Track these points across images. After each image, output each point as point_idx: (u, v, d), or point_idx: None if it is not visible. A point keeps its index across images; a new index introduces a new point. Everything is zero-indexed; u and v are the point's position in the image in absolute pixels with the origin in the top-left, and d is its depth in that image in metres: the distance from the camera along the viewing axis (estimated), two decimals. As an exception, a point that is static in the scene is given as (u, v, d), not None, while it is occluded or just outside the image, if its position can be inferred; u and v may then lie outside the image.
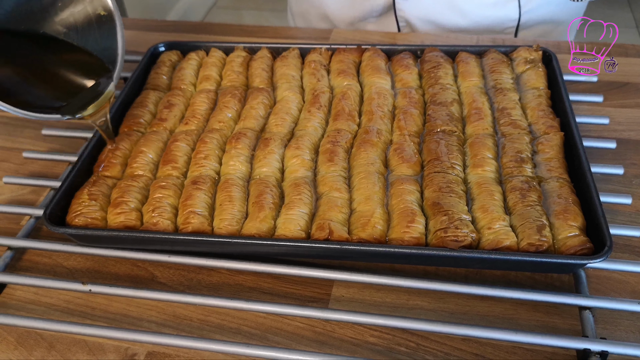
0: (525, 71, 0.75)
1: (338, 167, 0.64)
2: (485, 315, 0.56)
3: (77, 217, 0.61)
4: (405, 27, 1.02)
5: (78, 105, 0.66)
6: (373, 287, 0.59)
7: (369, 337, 0.56)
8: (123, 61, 0.69)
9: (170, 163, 0.67)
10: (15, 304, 0.61)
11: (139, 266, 0.64)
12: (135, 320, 0.59)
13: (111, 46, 0.69)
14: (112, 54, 0.69)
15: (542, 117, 0.68)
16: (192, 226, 0.60)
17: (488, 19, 0.99)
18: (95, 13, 0.68)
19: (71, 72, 0.70)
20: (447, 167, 0.62)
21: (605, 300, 0.54)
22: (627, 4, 2.54)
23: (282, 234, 0.58)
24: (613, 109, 0.78)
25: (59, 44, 0.69)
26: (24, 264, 0.65)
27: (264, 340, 0.56)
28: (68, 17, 0.69)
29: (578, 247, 0.54)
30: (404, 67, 0.77)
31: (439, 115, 0.69)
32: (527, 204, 0.58)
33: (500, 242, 0.55)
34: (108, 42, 0.69)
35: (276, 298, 0.59)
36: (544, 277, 0.59)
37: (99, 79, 0.68)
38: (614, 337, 0.54)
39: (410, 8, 0.99)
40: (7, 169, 0.77)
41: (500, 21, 0.99)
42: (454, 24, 1.00)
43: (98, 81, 0.68)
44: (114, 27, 0.69)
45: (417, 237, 0.57)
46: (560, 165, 0.62)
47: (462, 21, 0.99)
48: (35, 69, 0.68)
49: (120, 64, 0.69)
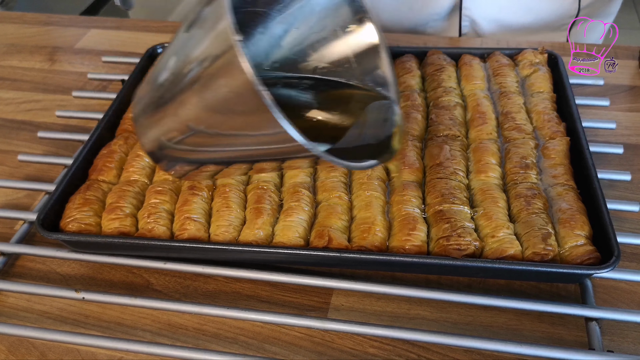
0: (530, 74, 0.73)
1: (338, 172, 0.63)
2: (489, 325, 0.55)
3: (71, 223, 0.60)
4: (467, 28, 1.00)
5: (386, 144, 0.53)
6: (373, 296, 0.58)
7: (369, 347, 0.54)
8: (396, 80, 0.57)
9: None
10: (7, 311, 0.60)
11: (134, 273, 0.62)
12: (129, 329, 0.57)
13: (370, 70, 0.56)
14: (376, 78, 0.56)
15: (548, 121, 0.66)
16: (189, 233, 0.59)
17: (550, 14, 0.98)
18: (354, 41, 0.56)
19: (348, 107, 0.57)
20: (450, 173, 0.61)
21: (612, 311, 0.52)
22: (632, 5, 2.52)
23: (280, 241, 0.57)
24: (620, 113, 0.76)
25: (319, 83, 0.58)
26: (17, 269, 0.64)
27: (261, 350, 0.55)
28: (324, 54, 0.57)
29: (585, 257, 0.53)
30: (406, 70, 0.75)
31: (442, 120, 0.68)
32: (532, 211, 0.56)
33: (504, 251, 0.54)
34: (369, 65, 0.56)
35: (274, 307, 0.58)
36: (549, 287, 0.57)
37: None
38: (622, 350, 0.52)
39: (477, 7, 0.98)
40: (2, 172, 0.76)
41: (560, 16, 0.98)
42: (519, 21, 0.98)
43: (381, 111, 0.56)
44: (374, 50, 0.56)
45: (418, 245, 0.55)
46: (566, 172, 0.61)
47: (526, 17, 0.98)
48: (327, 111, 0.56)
49: (395, 83, 0.56)
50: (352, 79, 0.57)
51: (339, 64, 0.57)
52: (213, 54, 0.42)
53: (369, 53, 0.56)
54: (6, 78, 0.95)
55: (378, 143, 0.53)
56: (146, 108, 0.51)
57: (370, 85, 0.57)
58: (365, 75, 0.57)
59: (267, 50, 0.57)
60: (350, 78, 0.57)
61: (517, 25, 0.99)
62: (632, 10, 2.48)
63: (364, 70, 0.57)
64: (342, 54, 0.57)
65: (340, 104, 0.57)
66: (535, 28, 0.99)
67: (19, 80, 0.94)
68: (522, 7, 0.98)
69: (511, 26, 0.99)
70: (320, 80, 0.58)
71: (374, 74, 0.56)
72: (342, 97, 0.58)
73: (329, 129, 0.56)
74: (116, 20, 1.09)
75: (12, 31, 1.07)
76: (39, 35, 1.06)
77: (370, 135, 0.54)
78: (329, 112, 0.57)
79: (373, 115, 0.55)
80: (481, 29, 0.99)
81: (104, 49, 1.00)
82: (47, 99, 0.89)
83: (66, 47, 1.02)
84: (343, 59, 0.57)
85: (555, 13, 0.98)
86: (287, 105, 0.54)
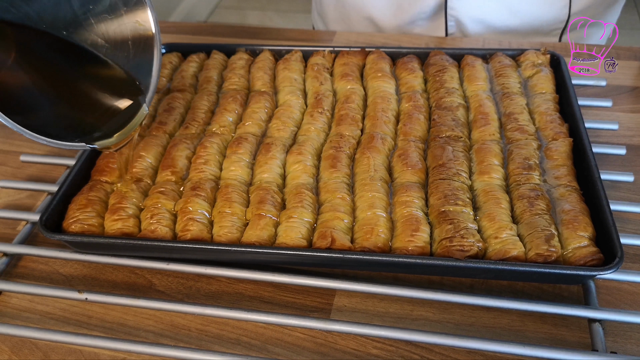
0: (533, 75, 0.73)
1: (341, 173, 0.63)
2: (492, 326, 0.55)
3: (74, 224, 0.60)
4: (453, 28, 1.00)
5: (104, 132, 0.57)
6: (376, 297, 0.58)
7: (371, 348, 0.54)
8: (157, 82, 0.60)
9: (170, 168, 0.65)
10: (10, 312, 0.60)
11: (136, 273, 0.62)
12: (132, 329, 0.57)
13: (143, 64, 0.59)
14: (143, 72, 0.59)
15: (550, 122, 0.66)
16: (191, 233, 0.59)
17: (538, 19, 0.98)
18: (131, 25, 0.59)
19: (97, 88, 0.60)
20: (453, 174, 0.61)
21: (615, 312, 0.52)
22: (633, 5, 2.52)
23: (283, 242, 0.57)
24: (622, 114, 0.76)
25: (83, 53, 0.59)
26: (20, 270, 0.64)
27: (264, 351, 0.55)
28: (100, 26, 0.59)
29: (588, 258, 0.52)
30: (408, 71, 0.75)
31: (445, 121, 0.67)
32: (535, 212, 0.56)
33: (507, 252, 0.54)
34: (140, 60, 0.59)
35: (277, 307, 0.58)
36: (552, 288, 0.57)
37: (127, 99, 0.59)
38: (625, 351, 0.52)
39: (462, 7, 0.98)
40: (4, 173, 0.76)
41: (548, 22, 0.98)
42: (504, 24, 0.99)
43: (128, 101, 0.59)
44: (150, 43, 0.59)
45: (421, 246, 0.55)
46: (569, 173, 0.61)
47: (512, 20, 0.98)
48: (56, 81, 0.59)
49: (155, 84, 0.60)
50: (124, 65, 0.60)
51: (118, 46, 0.60)
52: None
53: (147, 46, 0.59)
54: (8, 78, 0.95)
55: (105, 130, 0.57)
56: None
57: (135, 80, 0.60)
58: (137, 67, 0.60)
59: None
60: (124, 64, 0.60)
61: (504, 27, 0.99)
62: (633, 10, 2.47)
63: (137, 62, 0.60)
64: (123, 38, 0.60)
65: (100, 81, 0.60)
66: (523, 32, 0.99)
67: (21, 80, 0.94)
68: (506, 10, 0.98)
69: (497, 28, 0.99)
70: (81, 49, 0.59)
71: (144, 69, 0.59)
72: (106, 77, 0.61)
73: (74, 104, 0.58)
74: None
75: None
76: (41, 35, 1.05)
77: (111, 124, 0.58)
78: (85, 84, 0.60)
79: (122, 109, 0.59)
80: (467, 29, 1.00)
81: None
82: (49, 100, 0.89)
83: (68, 47, 1.01)
84: (124, 44, 0.60)
85: (543, 18, 0.98)
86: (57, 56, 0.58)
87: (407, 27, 1.03)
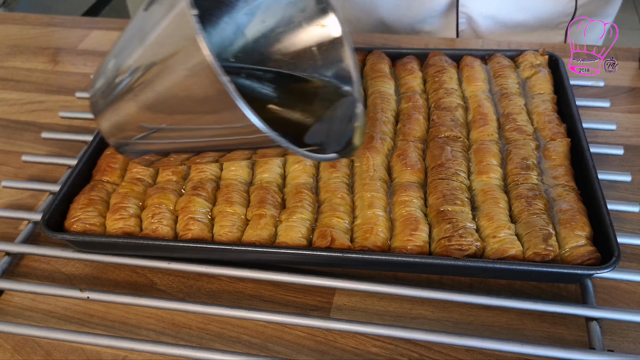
0: (531, 76, 0.74)
1: (340, 173, 0.63)
2: (490, 325, 0.55)
3: (76, 223, 0.61)
4: (464, 25, 1.01)
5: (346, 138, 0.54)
6: (375, 295, 0.58)
7: (371, 347, 0.55)
8: (359, 75, 0.58)
9: (171, 168, 0.66)
10: (12, 311, 0.60)
11: (138, 273, 0.63)
12: (133, 328, 0.58)
13: (332, 64, 0.57)
14: (340, 72, 0.57)
15: (548, 122, 0.67)
16: (192, 233, 0.59)
17: (546, 13, 0.99)
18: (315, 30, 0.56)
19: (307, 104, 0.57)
20: (452, 174, 0.61)
21: (612, 311, 0.53)
22: (632, 5, 2.52)
23: (283, 241, 0.57)
24: (620, 114, 0.77)
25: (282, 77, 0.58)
26: (22, 269, 0.64)
27: (264, 349, 0.55)
28: (280, 42, 0.57)
29: (585, 257, 0.53)
30: (408, 71, 0.76)
31: (444, 121, 0.68)
32: (533, 212, 0.57)
33: (505, 251, 0.54)
34: (330, 60, 0.57)
35: (277, 306, 0.58)
36: (550, 287, 0.58)
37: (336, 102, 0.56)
38: (622, 349, 0.53)
39: (474, 3, 0.98)
40: (6, 173, 0.77)
41: (556, 15, 0.99)
42: (514, 19, 0.99)
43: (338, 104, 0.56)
44: (337, 42, 0.56)
45: (420, 246, 0.56)
46: (566, 173, 0.61)
47: (522, 15, 0.99)
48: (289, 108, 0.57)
49: (359, 79, 0.57)
50: (315, 75, 0.58)
51: (303, 58, 0.57)
52: (169, 32, 0.40)
53: (333, 47, 0.57)
54: (10, 79, 0.95)
55: (342, 138, 0.53)
56: (105, 89, 0.48)
57: (334, 82, 0.57)
58: (329, 70, 0.57)
59: (232, 39, 0.56)
60: (313, 73, 0.58)
61: (513, 22, 1.00)
62: (633, 10, 2.48)
63: (328, 65, 0.57)
64: (306, 48, 0.57)
65: (302, 99, 0.58)
66: (532, 26, 1.00)
67: (23, 81, 0.95)
68: (517, 5, 0.99)
69: (507, 23, 1.00)
70: (284, 74, 0.58)
71: (337, 69, 0.57)
72: (305, 92, 0.58)
73: (291, 123, 0.56)
74: (119, 21, 1.09)
75: (15, 32, 1.08)
76: (42, 36, 1.06)
77: (336, 130, 0.54)
78: (291, 107, 0.57)
79: (337, 112, 0.56)
80: (478, 26, 1.00)
81: (106, 49, 0.99)
82: (50, 100, 0.90)
83: (69, 48, 1.02)
84: (308, 53, 0.57)
85: (551, 11, 0.99)
86: (250, 96, 0.53)
87: (417, 25, 1.03)
